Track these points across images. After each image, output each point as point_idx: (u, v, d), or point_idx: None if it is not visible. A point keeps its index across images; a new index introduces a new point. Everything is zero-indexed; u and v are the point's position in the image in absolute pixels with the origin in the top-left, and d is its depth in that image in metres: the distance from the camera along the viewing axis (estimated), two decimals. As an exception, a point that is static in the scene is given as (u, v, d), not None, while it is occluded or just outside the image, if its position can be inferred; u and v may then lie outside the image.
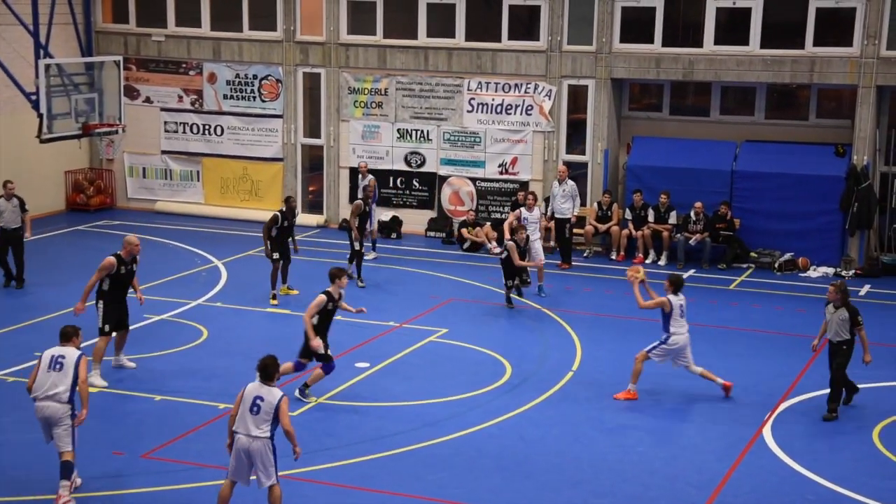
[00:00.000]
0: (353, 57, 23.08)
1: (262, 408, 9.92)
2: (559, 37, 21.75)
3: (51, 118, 19.03)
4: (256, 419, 9.92)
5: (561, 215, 20.48)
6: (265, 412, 9.91)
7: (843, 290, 13.37)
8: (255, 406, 9.94)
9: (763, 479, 11.67)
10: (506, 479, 11.50)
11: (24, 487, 11.02)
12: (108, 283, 14.11)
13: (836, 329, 13.36)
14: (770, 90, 21.62)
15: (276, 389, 10.03)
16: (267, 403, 9.93)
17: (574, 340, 16.16)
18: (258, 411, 9.92)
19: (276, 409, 9.90)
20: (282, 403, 9.94)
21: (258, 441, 9.92)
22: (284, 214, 17.66)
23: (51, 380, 10.80)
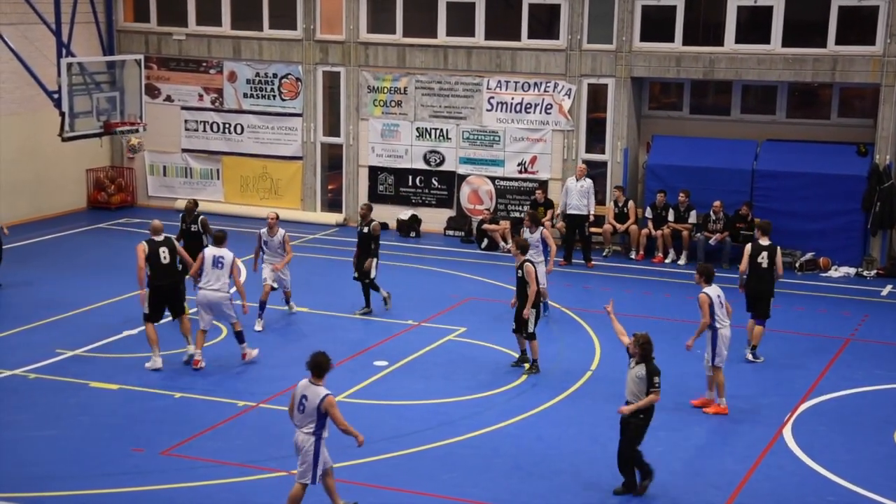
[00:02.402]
0: (373, 56, 23.10)
1: (307, 407, 10.06)
2: (579, 35, 21.70)
3: (73, 117, 19.11)
4: (302, 417, 10.10)
5: (578, 212, 20.44)
6: (309, 412, 10.05)
7: (646, 342, 11.04)
8: (301, 404, 10.10)
9: (783, 479, 11.60)
10: (522, 479, 11.47)
11: (42, 484, 11.08)
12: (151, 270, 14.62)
13: (631, 388, 11.15)
14: (791, 89, 21.48)
15: (322, 389, 10.07)
16: (310, 403, 10.04)
17: (593, 340, 16.12)
18: (303, 409, 10.08)
19: (317, 409, 9.97)
20: (324, 403, 9.99)
21: (303, 436, 10.10)
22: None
23: (214, 275, 14.38)
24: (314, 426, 10.04)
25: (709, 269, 13.56)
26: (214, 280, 14.44)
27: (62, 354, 14.92)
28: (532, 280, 14.23)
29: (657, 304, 18.06)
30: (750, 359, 15.27)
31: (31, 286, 18.30)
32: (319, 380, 10.10)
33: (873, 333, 16.75)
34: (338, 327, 16.43)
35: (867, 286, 19.50)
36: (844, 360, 15.53)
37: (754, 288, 15.33)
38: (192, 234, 17.08)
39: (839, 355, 15.69)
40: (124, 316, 16.66)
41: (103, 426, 12.58)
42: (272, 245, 16.51)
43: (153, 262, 14.42)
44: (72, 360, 14.74)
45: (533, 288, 14.23)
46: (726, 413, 13.32)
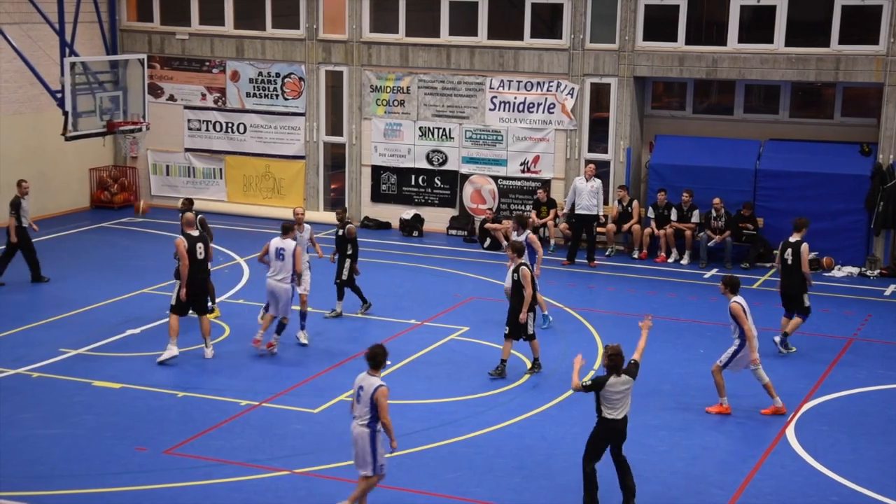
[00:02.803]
0: (376, 55, 23.11)
1: (362, 397, 10.16)
2: (582, 35, 21.69)
3: (76, 116, 19.16)
4: (358, 407, 10.19)
5: (588, 212, 20.43)
6: (364, 402, 10.13)
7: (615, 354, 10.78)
8: (357, 395, 10.22)
9: (786, 479, 11.59)
10: (525, 479, 11.48)
11: (47, 483, 11.09)
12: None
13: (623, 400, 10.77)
14: (795, 88, 21.47)
15: (376, 380, 10.17)
16: (365, 393, 10.15)
17: (596, 340, 16.11)
18: (359, 399, 10.18)
19: (371, 399, 10.07)
20: (377, 395, 10.07)
21: (359, 428, 10.18)
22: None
23: (277, 266, 14.90)
24: (369, 418, 10.15)
25: (734, 279, 13.41)
26: (278, 271, 14.93)
27: (65, 353, 14.94)
28: (528, 283, 14.14)
29: (661, 304, 18.05)
30: (779, 347, 15.42)
31: (35, 285, 18.31)
32: (377, 371, 10.25)
33: (876, 333, 16.74)
34: (340, 327, 16.43)
35: (870, 286, 19.49)
36: (847, 359, 15.52)
37: (783, 284, 15.57)
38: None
39: (842, 355, 15.68)
40: (127, 315, 16.69)
41: (107, 425, 12.60)
42: (301, 242, 15.71)
43: (190, 257, 14.66)
44: (75, 359, 14.75)
45: (528, 291, 14.13)
46: (729, 413, 13.30)
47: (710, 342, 16.13)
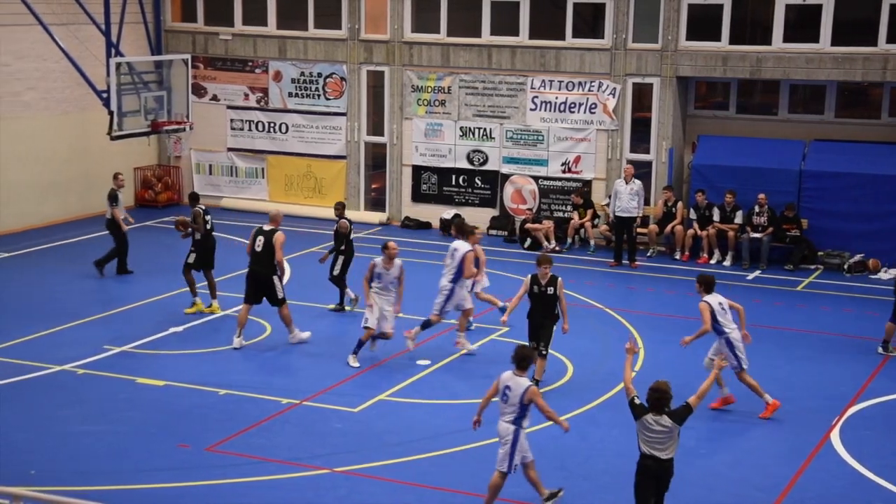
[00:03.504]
0: (417, 55, 23.15)
1: (510, 397, 10.29)
2: (624, 34, 21.58)
3: (121, 116, 19.37)
4: (504, 406, 10.34)
5: (627, 214, 20.33)
6: (511, 401, 10.28)
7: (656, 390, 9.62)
8: (504, 394, 10.36)
9: (830, 483, 11.45)
10: (566, 479, 11.43)
11: (91, 478, 11.22)
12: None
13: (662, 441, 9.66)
14: (840, 88, 21.21)
15: (525, 380, 10.33)
16: (513, 393, 10.28)
17: (637, 341, 16.01)
18: (506, 399, 10.32)
19: (520, 399, 10.22)
20: (527, 395, 10.25)
21: (504, 424, 10.37)
22: None
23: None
24: (515, 415, 10.29)
25: (708, 279, 13.36)
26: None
27: (110, 350, 15.12)
28: (563, 296, 13.65)
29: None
30: (880, 351, 15.50)
31: (80, 283, 18.54)
32: (523, 372, 10.35)
33: (923, 336, 16.48)
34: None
35: (917, 288, 19.19)
36: (894, 363, 15.30)
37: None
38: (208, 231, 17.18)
39: (888, 359, 15.47)
40: (170, 313, 16.85)
41: (150, 422, 12.73)
42: (386, 278, 14.81)
43: (251, 248, 15.32)
44: (119, 357, 14.92)
45: (563, 304, 13.67)
46: (779, 405, 13.17)
47: (752, 344, 15.92)
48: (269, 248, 15.20)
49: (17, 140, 22.09)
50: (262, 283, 15.30)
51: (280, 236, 15.22)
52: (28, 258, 20.16)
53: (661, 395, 9.50)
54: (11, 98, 22.01)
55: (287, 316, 15.46)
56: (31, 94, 22.38)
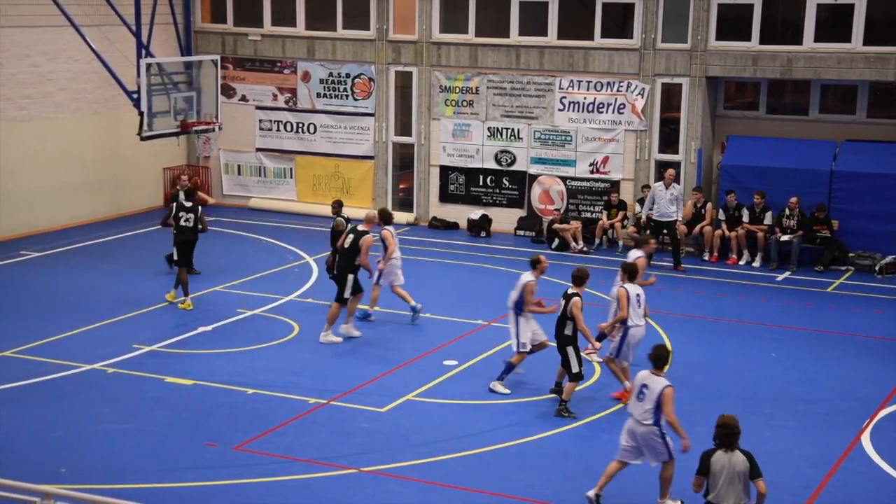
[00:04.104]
0: (445, 55, 23.15)
1: (647, 395, 10.37)
2: (653, 34, 21.48)
3: (151, 116, 19.51)
4: (639, 406, 10.43)
5: (666, 218, 20.17)
6: (648, 400, 10.35)
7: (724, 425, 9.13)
8: (640, 393, 10.46)
9: (861, 486, 11.34)
10: (593, 480, 11.37)
11: (120, 476, 11.30)
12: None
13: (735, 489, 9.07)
14: (872, 88, 21.01)
15: (662, 379, 10.40)
16: (651, 392, 10.35)
17: (665, 343, 15.92)
18: (643, 399, 10.41)
19: (658, 398, 10.27)
20: (664, 394, 10.30)
21: (643, 427, 10.44)
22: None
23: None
24: (653, 417, 10.37)
25: (633, 267, 13.60)
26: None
27: (139, 350, 15.22)
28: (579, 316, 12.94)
29: (730, 307, 17.79)
30: None
31: (110, 282, 18.68)
32: (660, 371, 10.44)
33: (956, 339, 16.31)
34: (408, 326, 16.48)
35: (950, 290, 18.98)
36: (926, 366, 15.15)
37: None
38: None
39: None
40: (199, 312, 16.94)
41: (178, 421, 12.80)
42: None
43: (341, 244, 15.71)
44: (148, 356, 15.02)
45: (581, 325, 12.93)
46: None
47: (782, 346, 15.86)
48: (355, 246, 15.47)
49: (49, 140, 22.30)
50: (338, 277, 15.59)
51: (368, 239, 15.52)
52: (59, 258, 20.35)
53: (731, 430, 9.02)
54: (44, 99, 22.22)
55: (333, 315, 15.59)
56: (63, 94, 22.59)
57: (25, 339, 15.43)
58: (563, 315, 13.06)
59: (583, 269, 13.36)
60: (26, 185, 21.97)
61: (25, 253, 20.52)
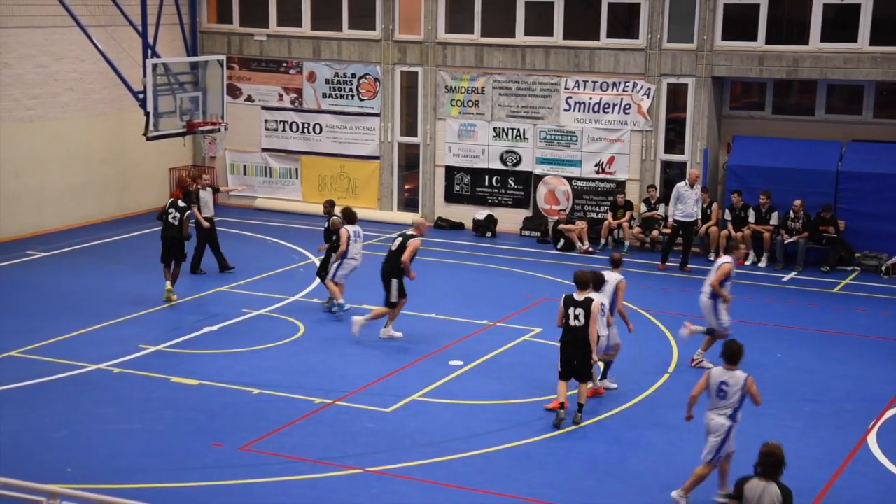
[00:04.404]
0: (451, 55, 23.15)
1: (728, 392, 10.50)
2: (659, 35, 21.46)
3: (157, 116, 19.52)
4: (722, 402, 10.53)
5: (690, 218, 20.04)
6: (730, 397, 10.49)
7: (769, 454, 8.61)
8: (720, 390, 10.54)
9: (867, 487, 11.32)
10: (598, 481, 11.39)
11: (125, 476, 11.31)
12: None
13: None
14: (879, 88, 20.97)
15: (740, 372, 10.54)
16: (732, 387, 10.47)
17: (670, 342, 15.93)
18: (724, 396, 10.51)
19: (741, 390, 10.45)
20: (748, 384, 10.48)
21: (717, 419, 10.57)
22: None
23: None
24: (732, 410, 10.50)
25: (598, 276, 13.23)
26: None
27: (145, 350, 15.24)
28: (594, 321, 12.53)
29: (736, 307, 17.72)
30: None
31: (116, 282, 18.70)
32: (734, 366, 10.53)
33: (963, 340, 16.27)
34: (413, 326, 16.48)
35: (957, 291, 18.95)
36: (932, 366, 15.12)
37: None
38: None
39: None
40: (204, 312, 16.96)
41: (184, 420, 12.81)
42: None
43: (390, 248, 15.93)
44: (154, 356, 15.04)
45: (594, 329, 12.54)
46: (602, 394, 13.49)
47: (788, 346, 15.84)
48: (401, 250, 15.58)
49: (56, 141, 22.34)
50: (383, 281, 15.69)
51: (415, 242, 15.64)
52: (65, 258, 20.39)
53: (776, 460, 8.51)
54: (50, 99, 22.26)
55: (377, 314, 15.75)
56: (70, 94, 22.63)
57: (31, 338, 15.46)
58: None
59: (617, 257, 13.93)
60: (32, 186, 22.01)
61: (31, 253, 20.57)
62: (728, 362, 10.61)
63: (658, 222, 21.51)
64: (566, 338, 12.65)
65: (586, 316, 12.51)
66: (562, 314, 12.69)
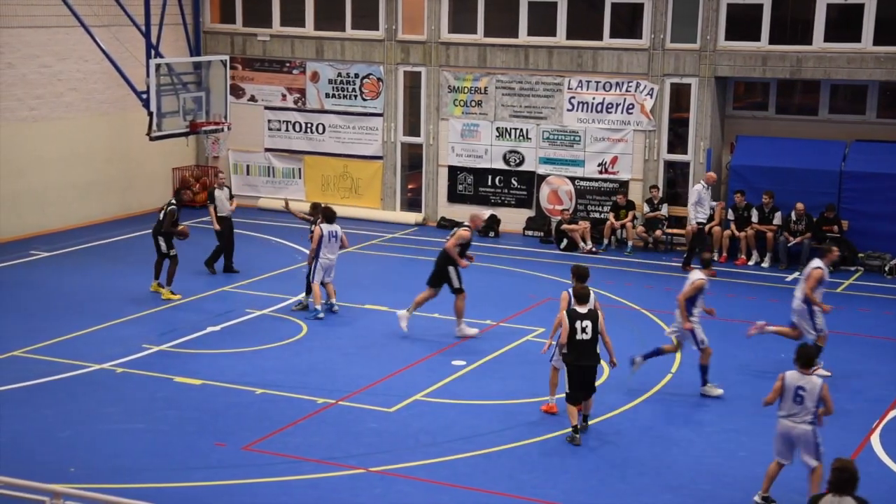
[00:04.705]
0: (454, 55, 23.15)
1: (806, 397, 10.47)
2: (662, 34, 21.45)
3: (160, 116, 19.54)
4: (800, 408, 10.49)
5: (705, 219, 19.98)
6: (808, 400, 10.47)
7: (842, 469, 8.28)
8: (797, 396, 10.50)
9: (871, 487, 11.25)
10: (601, 481, 11.38)
11: (129, 476, 11.32)
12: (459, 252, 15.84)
13: None
14: (882, 88, 20.95)
15: (815, 378, 10.56)
16: (809, 393, 10.45)
17: (673, 342, 15.88)
18: (801, 401, 10.49)
19: (818, 395, 10.44)
20: (823, 390, 10.48)
21: (802, 427, 10.52)
22: (178, 209, 18.02)
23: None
24: (811, 415, 10.47)
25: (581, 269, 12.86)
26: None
27: (148, 349, 15.25)
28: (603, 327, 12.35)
29: (740, 307, 17.75)
30: None
31: (119, 282, 18.72)
32: (808, 370, 10.54)
33: (966, 340, 16.25)
34: (417, 326, 16.48)
35: (960, 291, 18.92)
36: (936, 366, 15.10)
37: None
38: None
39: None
40: (207, 312, 16.97)
41: (187, 420, 12.82)
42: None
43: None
44: (157, 356, 15.05)
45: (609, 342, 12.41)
46: (555, 412, 12.88)
47: (790, 346, 15.76)
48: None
49: (59, 141, 22.37)
50: (438, 271, 15.89)
51: (461, 232, 15.86)
52: (68, 257, 20.41)
53: (849, 475, 8.21)
54: (53, 99, 22.29)
55: (459, 308, 15.81)
56: (73, 94, 22.65)
57: (34, 338, 15.47)
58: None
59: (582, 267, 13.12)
60: (36, 186, 22.03)
61: (35, 253, 20.59)
62: (803, 366, 10.57)
63: (661, 222, 21.53)
64: (574, 354, 12.17)
65: (593, 328, 12.19)
66: (567, 330, 12.11)
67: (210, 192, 19.44)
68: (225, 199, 19.33)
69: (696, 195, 19.89)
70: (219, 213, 19.11)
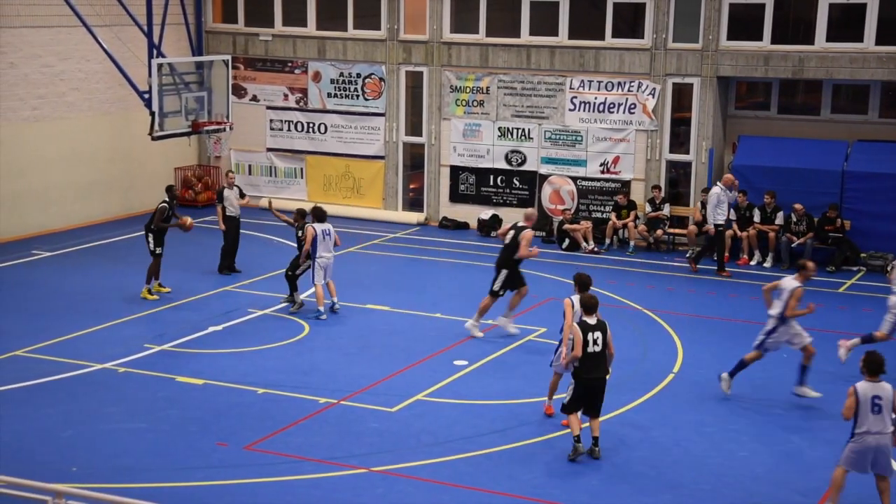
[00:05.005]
0: (456, 55, 23.15)
1: (883, 406, 10.27)
2: (664, 34, 21.44)
3: (162, 116, 19.56)
4: (879, 418, 10.28)
5: (723, 221, 19.75)
6: (886, 409, 10.28)
7: None
8: (875, 406, 10.28)
9: (872, 486, 11.27)
10: (603, 481, 11.38)
11: (131, 475, 11.33)
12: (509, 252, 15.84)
13: None
14: (885, 88, 20.93)
15: (885, 384, 10.33)
16: (885, 400, 10.29)
17: (675, 342, 15.91)
18: (879, 410, 10.27)
19: (893, 402, 10.27)
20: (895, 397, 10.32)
21: (884, 437, 10.30)
22: (171, 206, 17.97)
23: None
24: (892, 422, 10.26)
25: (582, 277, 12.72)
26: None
27: (150, 349, 15.26)
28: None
29: (742, 308, 17.75)
30: None
31: (121, 282, 18.72)
32: (876, 377, 10.34)
33: (969, 340, 16.21)
34: (418, 326, 16.49)
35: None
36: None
37: None
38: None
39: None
40: (209, 312, 16.97)
41: (189, 420, 12.83)
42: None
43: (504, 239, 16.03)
44: (159, 355, 15.05)
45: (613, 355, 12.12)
46: (551, 414, 12.84)
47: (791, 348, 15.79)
48: (515, 242, 15.67)
49: (61, 140, 22.38)
50: (511, 273, 15.83)
51: (527, 233, 15.72)
52: (70, 257, 20.41)
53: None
54: (56, 99, 22.30)
55: (484, 307, 15.86)
56: (75, 94, 22.66)
57: (36, 338, 15.48)
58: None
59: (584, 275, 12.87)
60: (38, 185, 22.05)
61: (37, 253, 20.60)
62: (871, 374, 10.35)
63: (662, 222, 21.53)
64: (585, 366, 11.78)
65: (603, 340, 11.85)
66: (580, 342, 11.68)
67: (219, 192, 19.46)
68: (235, 198, 19.31)
69: (716, 198, 19.56)
70: (227, 212, 19.11)
